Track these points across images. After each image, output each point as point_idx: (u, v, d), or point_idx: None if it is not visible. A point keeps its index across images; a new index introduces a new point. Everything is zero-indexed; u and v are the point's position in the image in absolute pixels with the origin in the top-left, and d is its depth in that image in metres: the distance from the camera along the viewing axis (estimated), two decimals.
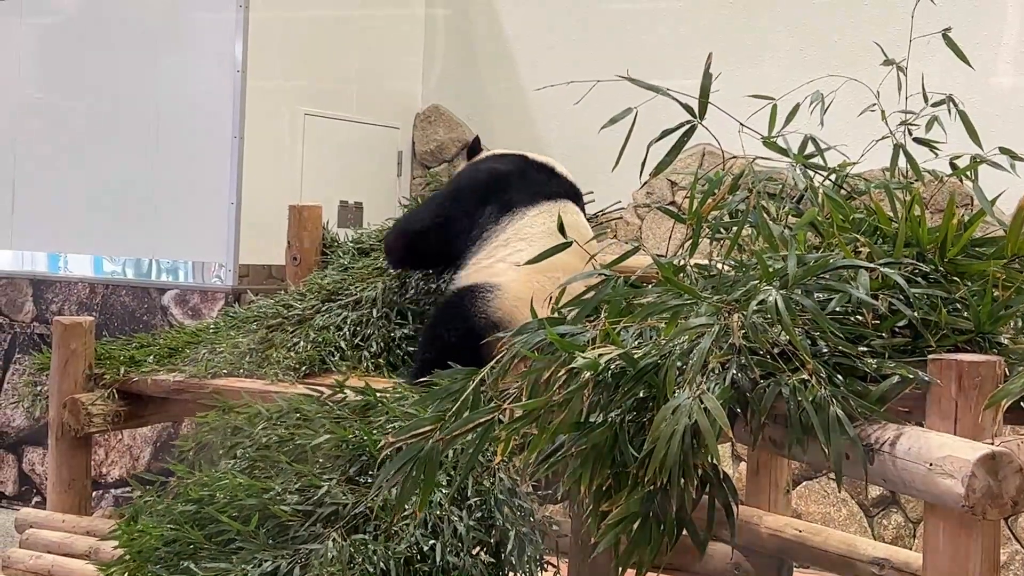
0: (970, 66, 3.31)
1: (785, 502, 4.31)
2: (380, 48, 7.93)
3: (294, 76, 7.33)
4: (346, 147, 7.63)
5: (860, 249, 2.75)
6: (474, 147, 4.47)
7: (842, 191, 2.96)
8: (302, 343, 4.25)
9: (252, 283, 7.01)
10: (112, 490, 7.17)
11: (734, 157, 3.15)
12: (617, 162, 2.81)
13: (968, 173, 3.15)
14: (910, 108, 3.34)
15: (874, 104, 3.36)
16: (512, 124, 7.92)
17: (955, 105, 3.30)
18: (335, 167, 7.52)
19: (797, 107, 3.03)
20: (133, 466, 7.18)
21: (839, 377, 2.54)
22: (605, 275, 2.77)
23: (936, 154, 3.28)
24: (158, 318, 7.16)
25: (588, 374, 2.52)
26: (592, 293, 2.75)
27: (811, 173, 2.99)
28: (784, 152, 2.92)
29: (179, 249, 7.15)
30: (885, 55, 3.39)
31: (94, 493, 7.05)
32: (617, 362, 2.58)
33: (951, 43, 3.26)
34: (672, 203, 7.00)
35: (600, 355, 2.57)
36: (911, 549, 5.67)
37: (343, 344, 4.26)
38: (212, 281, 7.05)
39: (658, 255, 3.14)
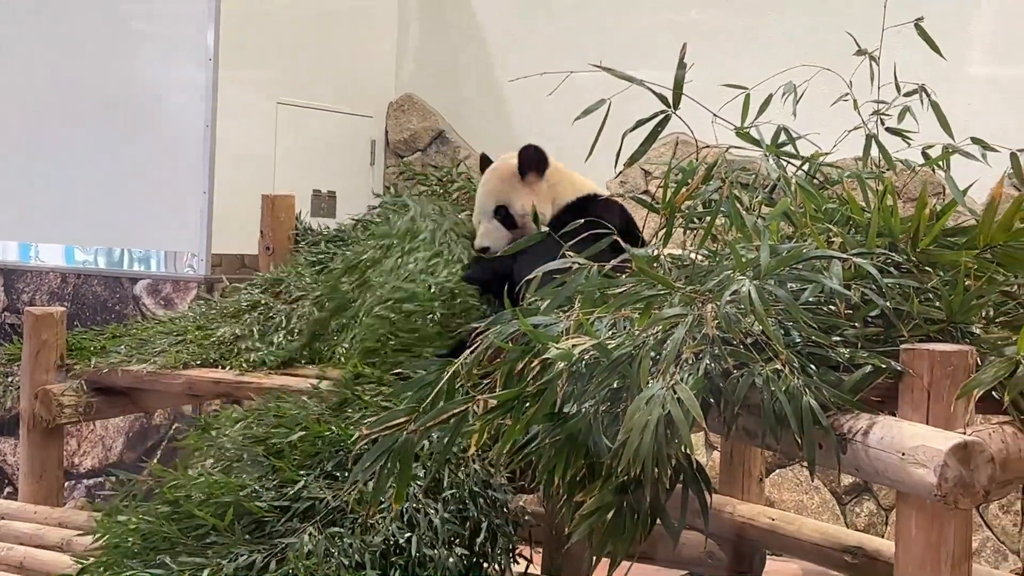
0: (941, 56, 3.32)
1: (758, 490, 4.32)
2: (353, 37, 7.90)
3: (266, 65, 7.29)
4: (319, 136, 7.60)
5: (833, 239, 2.75)
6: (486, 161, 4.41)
7: (815, 181, 2.96)
8: (274, 334, 4.22)
9: (225, 272, 6.98)
10: (84, 480, 7.14)
11: (707, 147, 3.16)
12: (590, 153, 2.82)
13: (940, 163, 3.16)
14: (883, 98, 3.35)
15: (847, 94, 3.37)
16: (486, 113, 7.91)
17: (927, 95, 3.31)
18: (308, 156, 7.49)
19: (770, 97, 3.03)
20: (105, 456, 7.15)
21: (812, 367, 2.55)
22: (579, 264, 2.77)
23: (908, 144, 3.29)
24: (130, 308, 7.13)
25: (562, 365, 2.52)
26: (565, 283, 2.74)
27: (784, 163, 2.99)
28: (756, 142, 2.93)
29: (151, 238, 7.11)
30: (858, 45, 3.40)
31: (66, 484, 7.01)
32: (591, 353, 2.58)
33: (923, 33, 3.27)
34: (646, 192, 7.01)
35: (574, 346, 2.57)
36: (883, 536, 5.71)
37: (316, 337, 4.24)
38: (184, 271, 7.02)
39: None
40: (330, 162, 7.71)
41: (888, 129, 3.32)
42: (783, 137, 3.00)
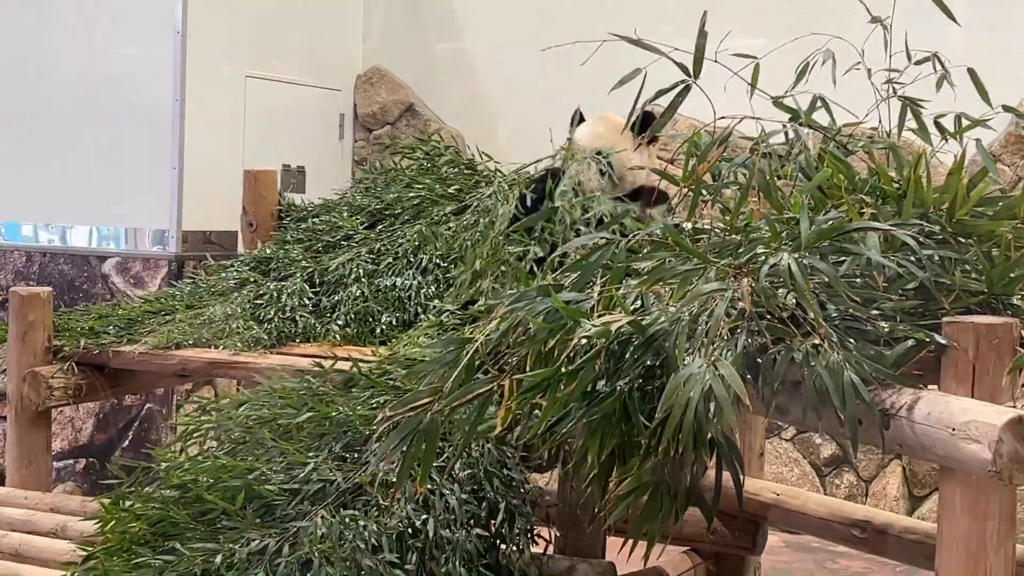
0: (955, 22, 3.27)
1: (759, 465, 4.28)
2: (321, 9, 7.77)
3: (234, 38, 7.16)
4: (288, 110, 7.49)
5: (864, 211, 2.69)
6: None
7: (846, 152, 2.91)
8: (267, 312, 4.15)
9: (192, 250, 6.86)
10: (55, 463, 7.00)
11: (723, 117, 3.08)
12: (627, 124, 2.73)
13: (958, 134, 3.11)
14: (895, 67, 3.30)
15: (858, 63, 3.31)
16: (456, 86, 7.81)
17: (940, 63, 3.26)
18: (277, 130, 7.37)
19: (807, 66, 2.97)
20: (75, 439, 7.02)
21: (851, 341, 2.49)
22: (606, 239, 2.70)
23: (920, 112, 3.24)
24: (98, 286, 6.99)
25: (600, 342, 2.45)
26: (594, 258, 2.66)
27: (807, 132, 2.93)
28: (794, 112, 2.86)
29: (120, 216, 6.97)
30: (869, 12, 3.34)
31: None
32: (625, 329, 2.51)
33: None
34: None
35: (607, 322, 2.51)
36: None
37: (309, 314, 4.17)
38: (154, 248, 6.89)
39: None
40: (299, 136, 7.60)
41: (900, 97, 3.26)
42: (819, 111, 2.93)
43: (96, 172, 6.99)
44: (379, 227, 4.49)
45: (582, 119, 4.23)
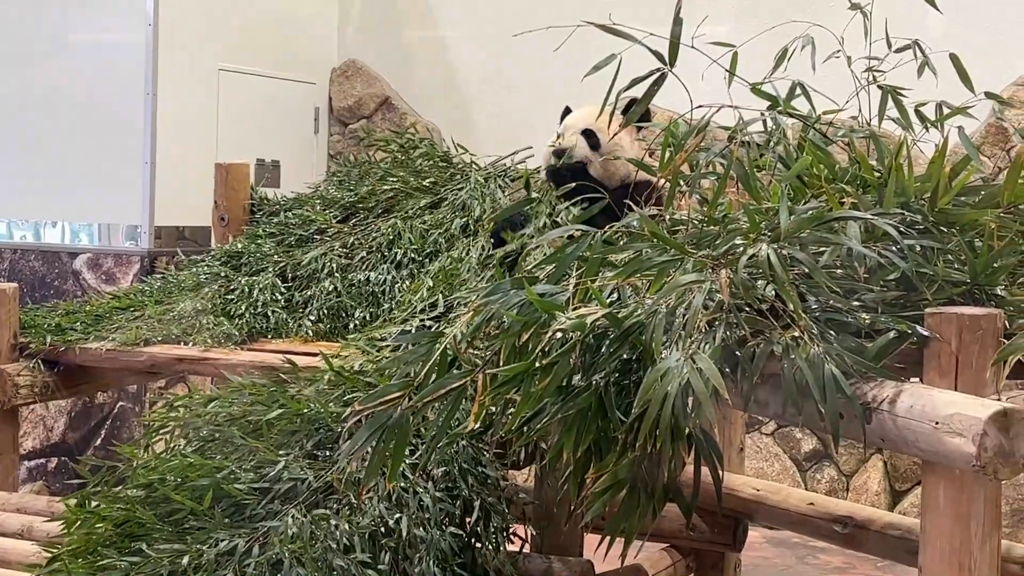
0: (936, 8, 3.22)
1: (739, 460, 4.23)
2: (295, 2, 7.71)
3: (207, 31, 7.08)
4: (262, 104, 7.42)
5: (844, 200, 2.65)
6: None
7: (826, 140, 2.86)
8: (238, 308, 4.10)
9: (165, 246, 6.79)
10: (26, 462, 6.91)
11: (700, 106, 3.03)
12: (601, 111, 2.67)
13: (939, 122, 3.07)
14: (875, 55, 3.25)
15: (838, 51, 3.26)
16: (432, 79, 7.75)
17: (920, 50, 3.22)
18: (251, 124, 7.30)
19: (786, 51, 2.92)
20: (47, 437, 6.94)
21: (832, 334, 2.44)
22: (582, 231, 2.64)
23: (901, 100, 3.19)
24: (70, 283, 6.91)
25: (575, 336, 2.40)
26: (569, 250, 2.61)
27: (787, 121, 2.88)
28: (773, 100, 2.81)
29: (91, 212, 6.89)
30: (850, 0, 3.30)
31: None
32: (600, 322, 2.46)
33: None
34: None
35: (583, 315, 2.45)
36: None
37: (281, 310, 4.12)
38: (126, 244, 6.81)
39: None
40: (273, 130, 7.54)
41: (879, 86, 3.21)
42: (796, 99, 2.88)
43: (68, 167, 6.91)
44: (352, 221, 4.45)
45: (568, 112, 4.20)
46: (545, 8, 7.01)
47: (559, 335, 2.47)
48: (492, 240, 3.95)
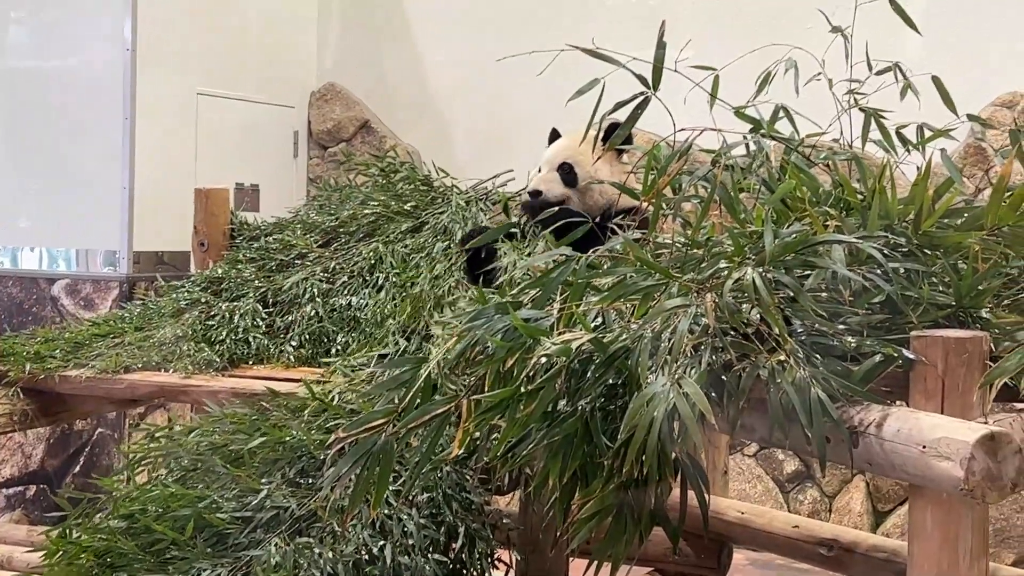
0: (917, 31, 3.23)
1: (723, 483, 4.23)
2: (274, 24, 7.70)
3: (186, 55, 7.07)
4: (241, 128, 7.40)
5: (828, 223, 2.65)
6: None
7: (809, 163, 2.86)
8: (219, 333, 4.08)
9: (144, 271, 6.76)
10: (4, 490, 6.86)
11: (683, 129, 3.03)
12: (584, 136, 2.67)
13: (920, 144, 3.08)
14: (856, 77, 3.26)
15: (819, 74, 3.27)
16: (413, 102, 7.75)
17: (901, 73, 3.22)
18: (230, 148, 7.29)
19: (770, 75, 2.92)
20: (26, 465, 6.89)
21: (817, 357, 2.44)
22: (565, 256, 2.64)
23: (883, 123, 3.20)
24: (48, 309, 6.87)
25: (560, 361, 2.39)
26: (554, 274, 2.60)
27: (769, 144, 2.88)
28: (756, 123, 2.81)
29: (69, 237, 6.86)
30: (830, 23, 3.31)
31: None
32: (585, 347, 2.45)
33: (899, 9, 3.18)
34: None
35: (568, 340, 2.45)
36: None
37: (262, 335, 4.11)
38: (105, 270, 6.77)
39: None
40: (252, 154, 7.52)
41: (861, 108, 3.22)
42: (778, 122, 2.88)
43: (46, 192, 6.88)
44: (334, 245, 4.44)
45: (557, 137, 4.18)
46: (528, 31, 7.04)
47: (544, 360, 2.47)
48: (467, 259, 3.95)
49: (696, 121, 2.96)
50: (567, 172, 3.90)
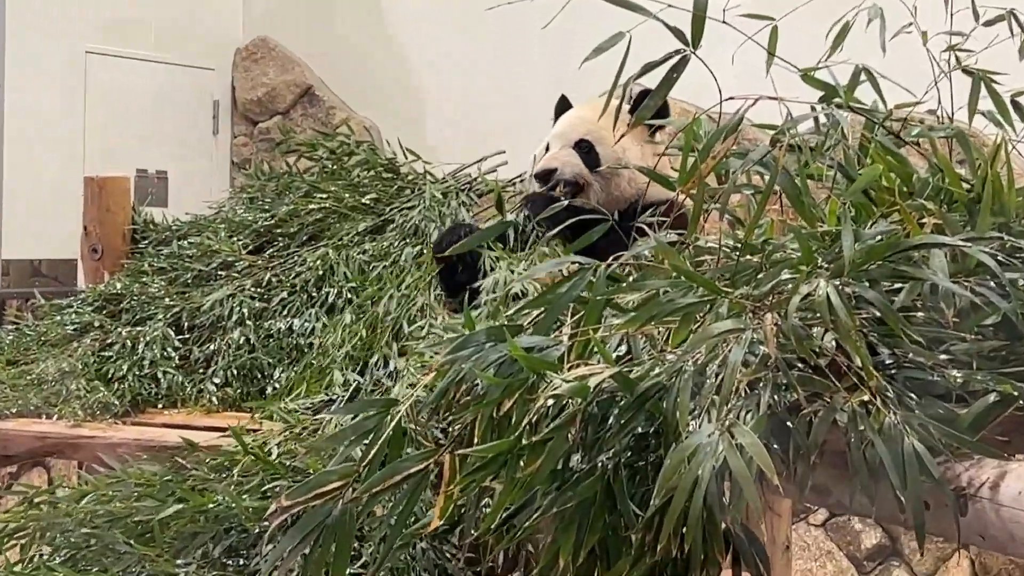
0: None
1: (785, 561, 4.25)
2: None
3: (69, 4, 7.09)
4: (143, 97, 7.43)
5: (925, 221, 2.66)
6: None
7: (899, 142, 2.87)
8: (118, 368, 4.10)
9: (16, 286, 6.78)
10: None
11: (730, 98, 3.04)
12: (608, 99, 2.68)
13: None
14: (959, 29, 3.27)
15: (910, 24, 3.28)
16: (371, 64, 7.76)
17: (1018, 23, 3.24)
18: (129, 124, 7.31)
19: (847, 27, 2.94)
20: None
21: (912, 397, 2.45)
22: (578, 264, 2.65)
23: (993, 89, 3.21)
24: None
25: (575, 403, 2.40)
26: (564, 289, 2.62)
27: (846, 117, 2.89)
28: (830, 89, 2.82)
29: None
30: None
31: None
32: (608, 385, 2.47)
33: None
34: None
35: (584, 376, 2.46)
36: None
37: (175, 370, 4.13)
38: None
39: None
40: (159, 132, 7.55)
41: (964, 70, 3.24)
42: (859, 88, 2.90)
43: None
44: (268, 251, 4.47)
45: (566, 108, 4.19)
46: None
47: (552, 403, 2.47)
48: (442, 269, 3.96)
49: (748, 88, 2.98)
50: (586, 151, 3.92)
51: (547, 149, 4.03)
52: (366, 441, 2.71)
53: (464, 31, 6.97)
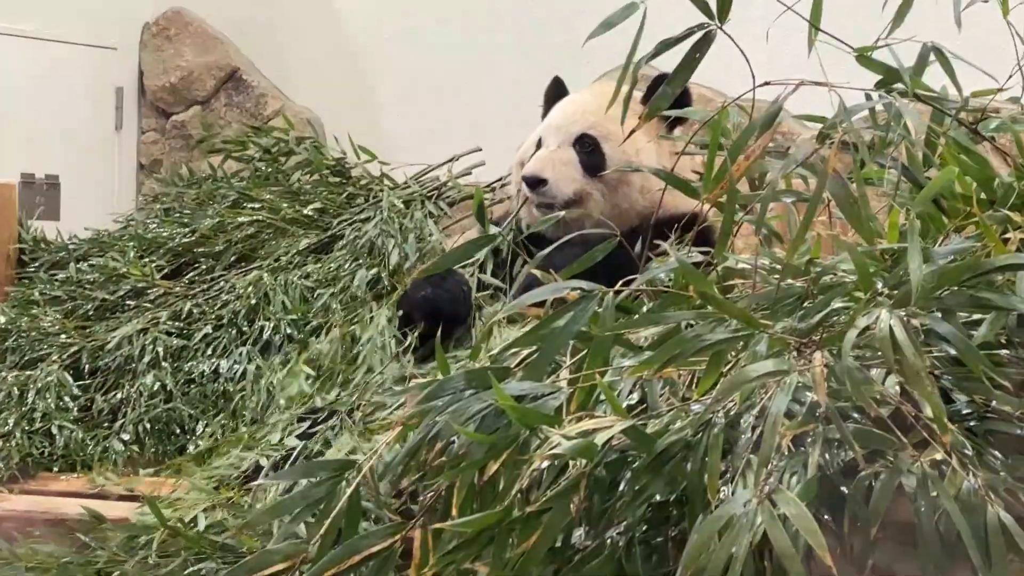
0: None
1: None
2: None
3: None
4: (28, 83, 7.42)
5: (1009, 236, 2.67)
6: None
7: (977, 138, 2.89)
8: (2, 422, 4.10)
9: None
10: None
11: (766, 83, 3.06)
12: (619, 83, 2.69)
13: None
14: None
15: None
16: (311, 42, 7.77)
17: None
18: (10, 118, 7.30)
19: None
20: None
21: (996, 455, 2.46)
22: (580, 291, 2.65)
23: None
24: None
25: (578, 465, 2.40)
26: (563, 321, 2.62)
27: (911, 108, 2.91)
28: (891, 73, 2.83)
29: None
30: None
31: None
32: (620, 442, 2.48)
33: None
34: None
35: (589, 432, 2.46)
36: None
37: (73, 423, 4.13)
38: None
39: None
40: (47, 127, 7.53)
41: None
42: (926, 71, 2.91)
43: None
44: (188, 275, 4.47)
45: (560, 94, 4.18)
46: None
47: (549, 465, 2.47)
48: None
49: (787, 72, 2.99)
50: (589, 151, 3.92)
51: (539, 145, 4.03)
52: (316, 513, 2.71)
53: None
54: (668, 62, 2.95)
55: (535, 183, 3.92)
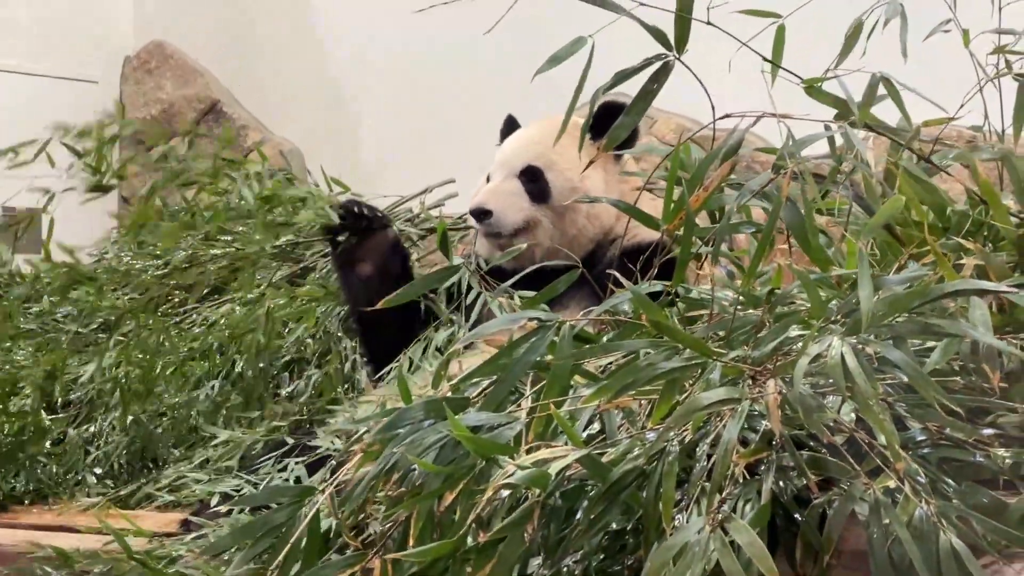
0: None
1: None
2: None
3: None
4: (10, 116, 7.41)
5: (963, 262, 2.68)
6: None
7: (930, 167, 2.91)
8: None
9: None
10: None
11: (726, 116, 3.08)
12: (567, 117, 2.70)
13: None
14: (1008, 27, 3.31)
15: (948, 21, 3.32)
16: (290, 76, 7.77)
17: None
18: None
19: (860, 26, 2.97)
20: None
21: (949, 482, 2.47)
22: (538, 320, 2.67)
23: None
24: None
25: (534, 494, 2.42)
26: (521, 351, 2.63)
27: (864, 137, 2.93)
28: (842, 104, 2.85)
29: None
30: None
31: None
32: (574, 472, 2.49)
33: None
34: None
35: (544, 461, 2.47)
36: None
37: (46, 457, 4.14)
38: None
39: None
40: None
41: (1017, 76, 3.27)
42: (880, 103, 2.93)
43: None
44: (163, 308, 4.47)
45: (514, 129, 4.22)
46: None
47: (506, 494, 2.48)
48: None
49: (756, 101, 3.01)
50: (533, 180, 3.94)
51: (487, 179, 4.05)
52: (273, 540, 2.72)
53: (407, 30, 6.99)
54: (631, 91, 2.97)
55: (480, 215, 3.95)
